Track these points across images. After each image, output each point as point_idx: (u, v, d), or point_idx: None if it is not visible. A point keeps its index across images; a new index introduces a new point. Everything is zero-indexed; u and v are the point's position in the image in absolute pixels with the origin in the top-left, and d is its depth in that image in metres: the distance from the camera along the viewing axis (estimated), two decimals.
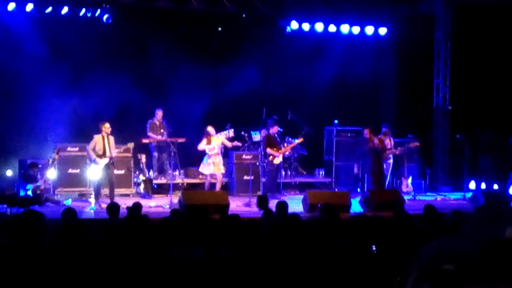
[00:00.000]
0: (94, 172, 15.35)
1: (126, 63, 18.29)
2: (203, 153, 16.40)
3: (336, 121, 19.20)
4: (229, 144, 16.78)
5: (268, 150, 16.89)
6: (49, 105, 17.24)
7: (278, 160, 17.00)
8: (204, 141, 16.15)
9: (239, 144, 17.71)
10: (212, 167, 16.13)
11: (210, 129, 16.26)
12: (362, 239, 6.28)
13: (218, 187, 16.21)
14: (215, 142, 16.20)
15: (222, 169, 16.42)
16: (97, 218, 12.67)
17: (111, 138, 15.42)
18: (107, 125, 15.31)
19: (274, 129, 17.15)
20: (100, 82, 17.72)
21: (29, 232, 6.42)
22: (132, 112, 17.76)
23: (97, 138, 15.31)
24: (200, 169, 16.52)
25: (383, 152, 16.75)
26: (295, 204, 14.93)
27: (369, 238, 6.35)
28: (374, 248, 5.94)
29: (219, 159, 16.33)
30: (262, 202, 11.84)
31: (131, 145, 16.24)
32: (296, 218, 7.66)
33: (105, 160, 15.22)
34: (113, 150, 15.37)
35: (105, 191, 15.70)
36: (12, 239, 5.95)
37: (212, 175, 16.32)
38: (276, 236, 6.73)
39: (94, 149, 15.24)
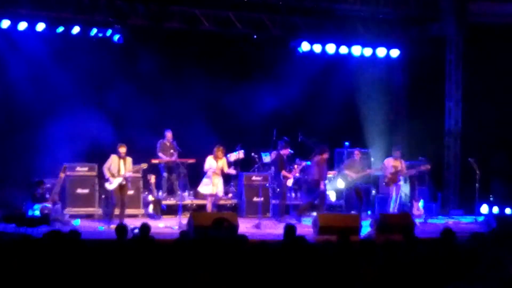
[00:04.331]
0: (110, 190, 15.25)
1: (137, 83, 18.27)
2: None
3: (346, 143, 19.07)
4: (226, 168, 16.31)
5: (283, 172, 16.78)
6: (59, 124, 17.22)
7: (290, 181, 16.98)
8: (211, 159, 15.93)
9: (233, 172, 17.21)
10: (211, 187, 15.94)
11: (220, 150, 16.04)
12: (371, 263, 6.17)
13: (208, 206, 16.00)
14: (221, 163, 16.00)
15: (221, 191, 16.14)
16: (105, 239, 12.54)
17: (129, 160, 15.27)
18: (122, 149, 15.12)
19: (285, 151, 17.03)
20: (110, 101, 17.77)
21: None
22: (142, 132, 17.69)
23: (113, 157, 15.18)
24: (199, 189, 16.36)
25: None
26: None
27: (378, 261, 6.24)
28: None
29: (219, 180, 16.10)
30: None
31: (145, 165, 16.10)
32: (301, 241, 7.55)
33: (119, 179, 15.10)
34: (129, 172, 15.26)
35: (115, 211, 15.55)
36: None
37: (211, 195, 16.10)
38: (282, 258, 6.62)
39: (109, 168, 15.15)
